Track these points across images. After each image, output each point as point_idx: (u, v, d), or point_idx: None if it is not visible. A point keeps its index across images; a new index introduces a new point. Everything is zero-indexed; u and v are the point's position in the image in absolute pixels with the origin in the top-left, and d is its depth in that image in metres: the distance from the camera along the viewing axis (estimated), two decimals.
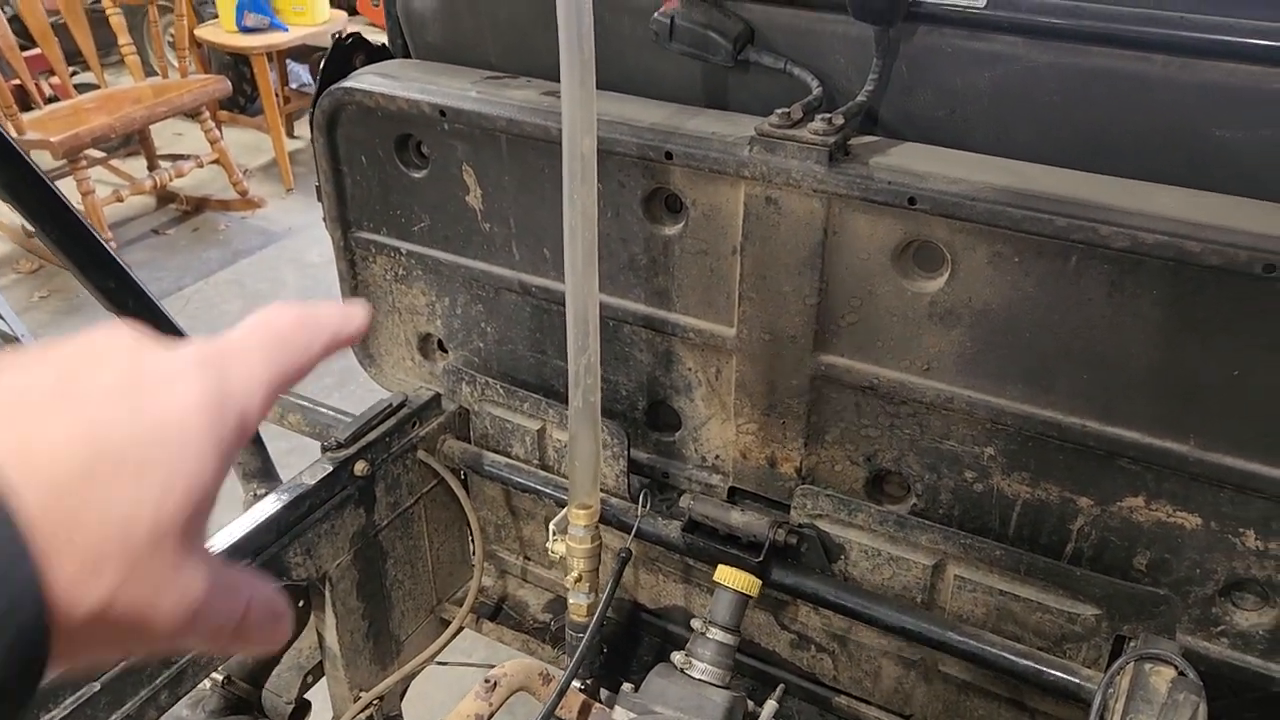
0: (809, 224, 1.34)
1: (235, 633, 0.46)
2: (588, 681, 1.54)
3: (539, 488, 1.73)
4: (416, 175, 1.69)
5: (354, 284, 1.89)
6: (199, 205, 5.34)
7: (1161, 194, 1.19)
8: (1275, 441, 1.19)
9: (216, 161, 5.09)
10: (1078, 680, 1.32)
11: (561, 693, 1.31)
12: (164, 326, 1.84)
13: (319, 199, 1.82)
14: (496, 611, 1.96)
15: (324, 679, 1.78)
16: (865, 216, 1.31)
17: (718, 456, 1.65)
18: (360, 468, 1.62)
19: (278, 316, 0.48)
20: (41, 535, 0.36)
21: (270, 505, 1.49)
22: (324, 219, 1.83)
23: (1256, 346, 1.15)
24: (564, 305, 1.36)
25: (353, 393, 3.50)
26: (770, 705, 1.27)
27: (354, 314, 0.52)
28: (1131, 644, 1.30)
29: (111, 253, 1.67)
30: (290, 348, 0.48)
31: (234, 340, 0.46)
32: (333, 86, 1.65)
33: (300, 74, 6.55)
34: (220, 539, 1.43)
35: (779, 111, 1.33)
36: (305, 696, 1.77)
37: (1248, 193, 1.19)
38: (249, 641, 0.47)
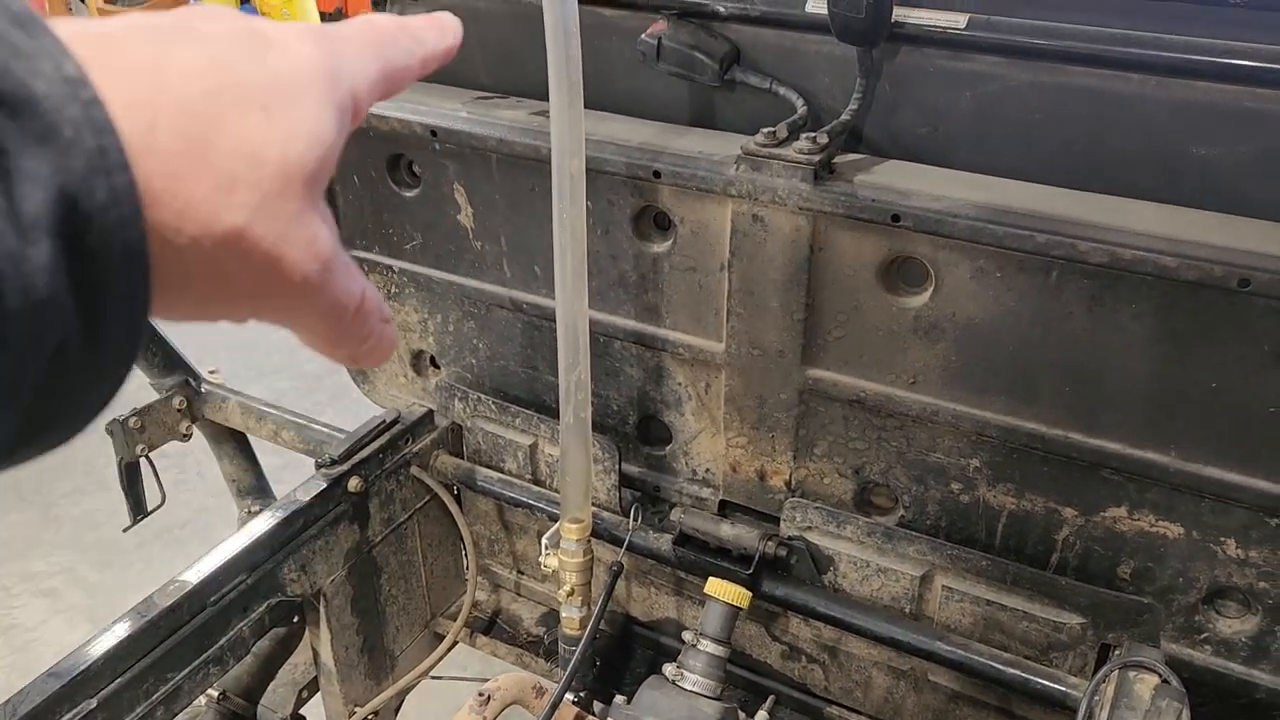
0: (795, 241, 1.36)
1: (355, 317, 0.45)
2: (581, 694, 1.55)
3: (531, 502, 1.75)
4: (408, 194, 1.71)
5: None
6: None
7: (1139, 210, 1.22)
8: (1253, 452, 1.21)
9: None
10: (1064, 688, 1.34)
11: (555, 706, 1.33)
12: (157, 344, 1.86)
13: None
14: (490, 625, 1.98)
15: (319, 694, 1.79)
16: (850, 233, 1.33)
17: (708, 470, 1.67)
18: (354, 484, 1.63)
19: (380, 19, 0.49)
20: (174, 151, 0.36)
21: (265, 522, 1.51)
22: None
23: (1233, 359, 1.17)
24: (555, 322, 1.38)
25: (347, 408, 3.50)
26: (761, 716, 1.29)
27: (448, 26, 0.53)
28: (1116, 652, 1.31)
29: None
30: (395, 48, 0.48)
31: (343, 29, 0.46)
32: None
33: None
34: (216, 556, 1.44)
35: (765, 131, 1.35)
36: (300, 712, 1.78)
37: (1224, 208, 1.22)
38: (364, 334, 0.46)
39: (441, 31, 0.52)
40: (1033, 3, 1.25)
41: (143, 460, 1.82)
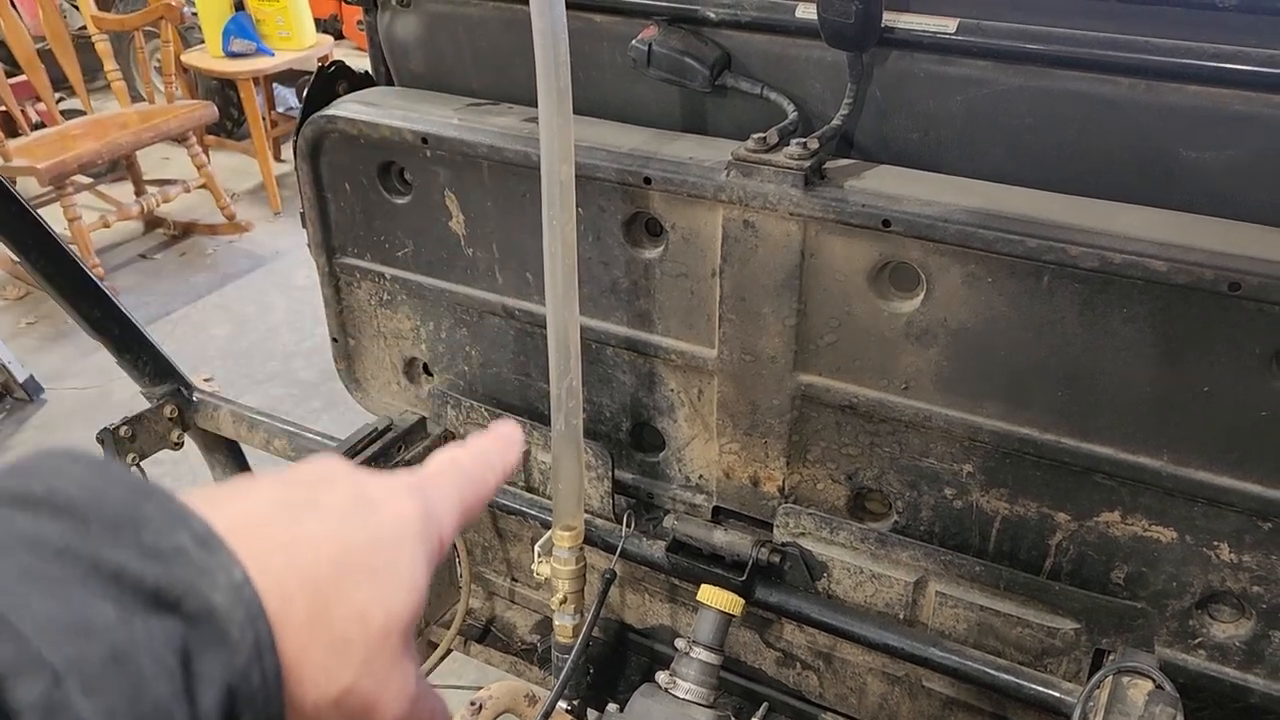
0: (786, 246, 1.36)
1: None
2: (574, 702, 1.55)
3: (524, 510, 1.74)
4: (400, 201, 1.71)
5: (339, 309, 1.91)
6: (186, 230, 5.35)
7: (1129, 214, 1.22)
8: (1245, 456, 1.21)
9: (203, 186, 5.09)
10: (1058, 694, 1.33)
11: (547, 714, 1.32)
12: (148, 353, 1.85)
13: (303, 225, 1.83)
14: (484, 633, 1.97)
15: None
16: (841, 239, 1.33)
17: (701, 476, 1.66)
18: None
19: (461, 455, 0.55)
20: (301, 623, 0.41)
21: None
22: (308, 245, 1.85)
23: (1224, 363, 1.17)
24: (546, 328, 1.37)
25: (341, 415, 3.50)
26: None
27: (514, 441, 0.59)
28: (1110, 657, 1.31)
29: (96, 281, 1.68)
30: (472, 482, 0.54)
31: (430, 473, 0.53)
32: (316, 115, 1.67)
33: (287, 98, 6.58)
34: None
35: (755, 136, 1.35)
36: None
37: (1214, 211, 1.22)
38: None
39: (509, 449, 0.58)
40: (1021, 7, 1.24)
41: (134, 469, 1.81)
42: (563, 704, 1.50)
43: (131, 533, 0.37)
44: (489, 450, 0.57)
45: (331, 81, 1.74)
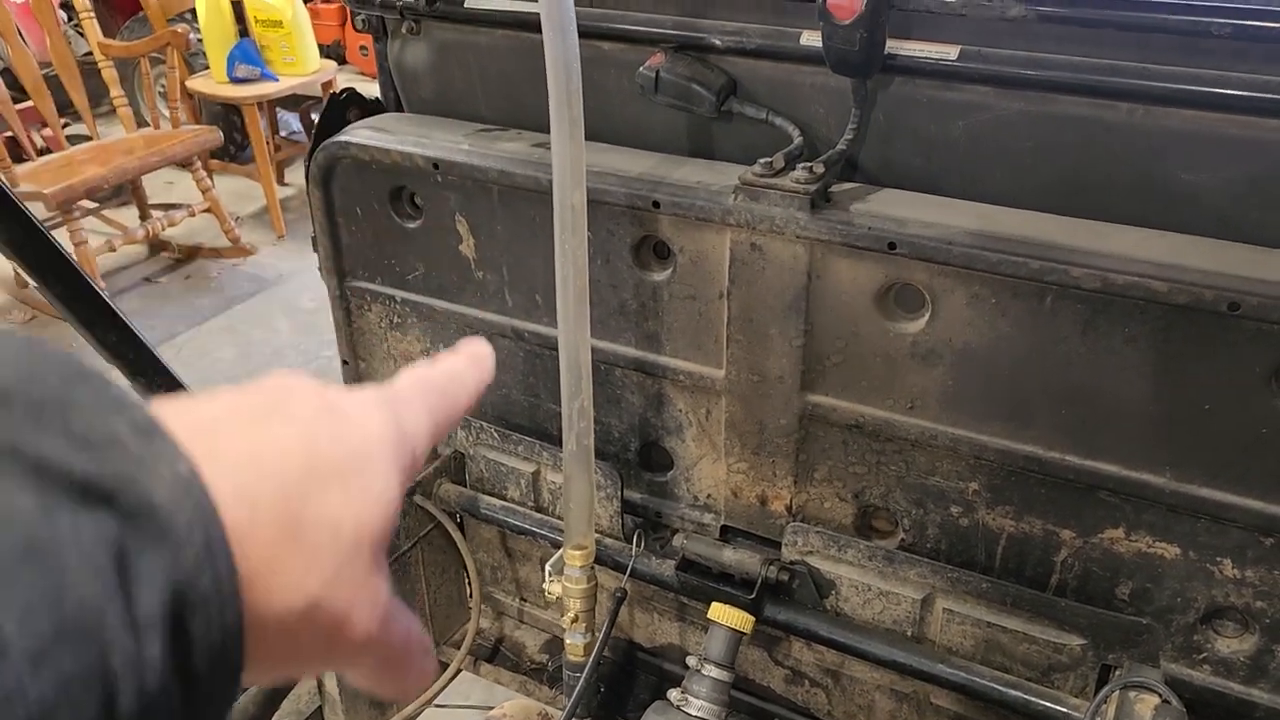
0: (793, 269, 1.39)
1: (401, 659, 0.48)
2: None
3: (534, 530, 1.76)
4: (410, 226, 1.74)
5: (349, 332, 1.93)
6: (191, 253, 5.38)
7: (1130, 235, 1.24)
8: (1246, 472, 1.23)
9: (208, 210, 5.13)
10: (1065, 709, 1.35)
11: None
12: (163, 377, 1.87)
13: (314, 249, 1.86)
14: (494, 653, 1.98)
15: None
16: (847, 261, 1.36)
17: (709, 495, 1.68)
18: None
19: (431, 372, 0.53)
20: (270, 533, 0.39)
21: None
22: (319, 269, 1.87)
23: (1225, 381, 1.19)
24: (556, 350, 1.39)
25: None
26: None
27: (485, 359, 0.57)
28: (1117, 673, 1.33)
29: (112, 305, 1.70)
30: (443, 398, 0.53)
31: (400, 389, 0.51)
32: (328, 141, 1.70)
33: (290, 122, 6.63)
34: None
35: (762, 161, 1.38)
36: None
37: (1212, 233, 1.24)
38: (408, 671, 0.49)
39: (479, 369, 0.56)
40: (1022, 34, 1.27)
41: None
42: None
43: (59, 418, 0.33)
44: (460, 368, 0.55)
45: (343, 108, 1.77)
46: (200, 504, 0.35)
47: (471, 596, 1.88)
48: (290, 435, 0.41)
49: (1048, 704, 1.36)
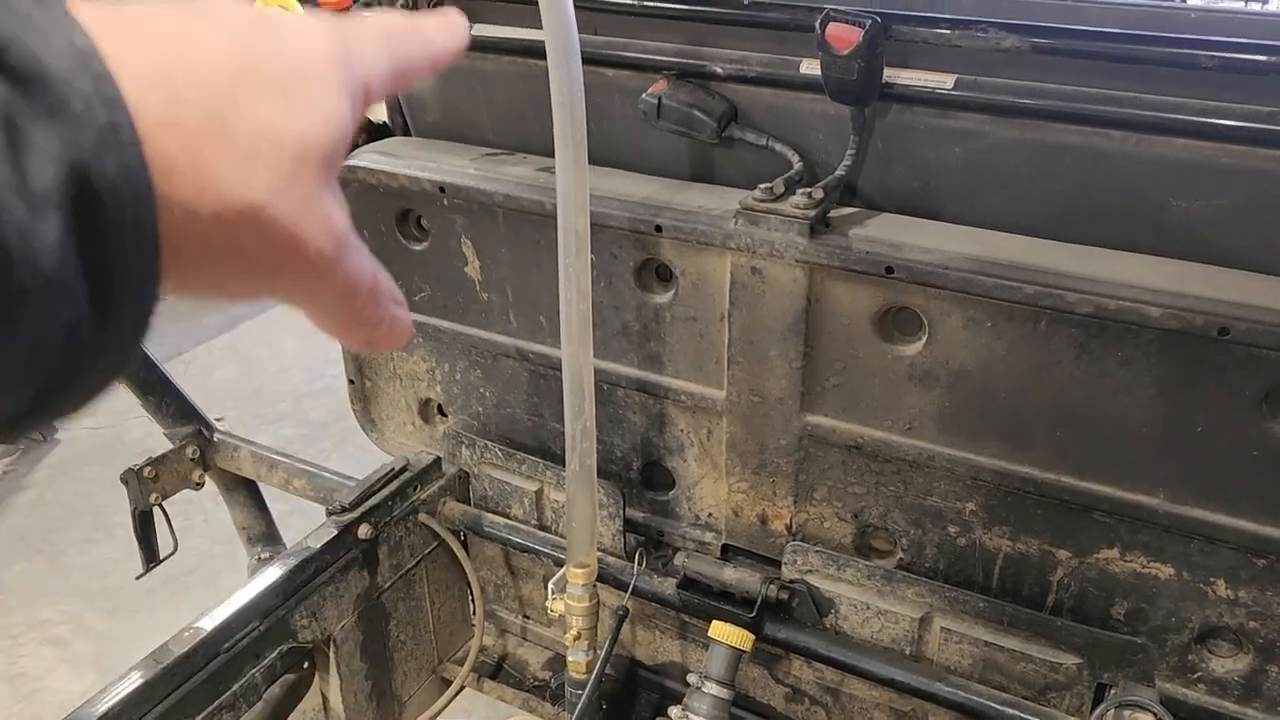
0: (793, 292, 1.41)
1: (368, 296, 0.47)
2: None
3: (537, 548, 1.78)
4: (417, 248, 1.76)
5: (356, 352, 1.96)
6: None
7: (1123, 261, 1.27)
8: (1238, 494, 1.25)
9: None
10: None
11: None
12: (171, 395, 1.91)
13: None
14: (497, 670, 2.00)
15: None
16: (846, 285, 1.38)
17: (710, 515, 1.70)
18: (364, 531, 1.66)
19: (392, 18, 0.50)
20: (195, 127, 0.37)
21: (277, 569, 1.54)
22: None
23: (1216, 405, 1.21)
24: (560, 370, 1.42)
25: (350, 454, 3.54)
26: None
27: (456, 25, 0.54)
28: (1112, 691, 1.34)
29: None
30: (405, 45, 0.50)
31: (354, 24, 0.48)
32: None
33: None
34: (229, 604, 1.47)
35: (762, 186, 1.41)
36: None
37: (1204, 259, 1.26)
38: (377, 316, 0.48)
39: (450, 31, 0.53)
40: (1016, 64, 1.30)
41: (155, 509, 1.86)
42: None
43: None
44: (428, 24, 0.52)
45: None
46: (101, 82, 0.33)
47: (475, 614, 1.90)
48: (219, 38, 0.39)
49: None
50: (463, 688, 1.87)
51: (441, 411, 1.96)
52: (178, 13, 0.39)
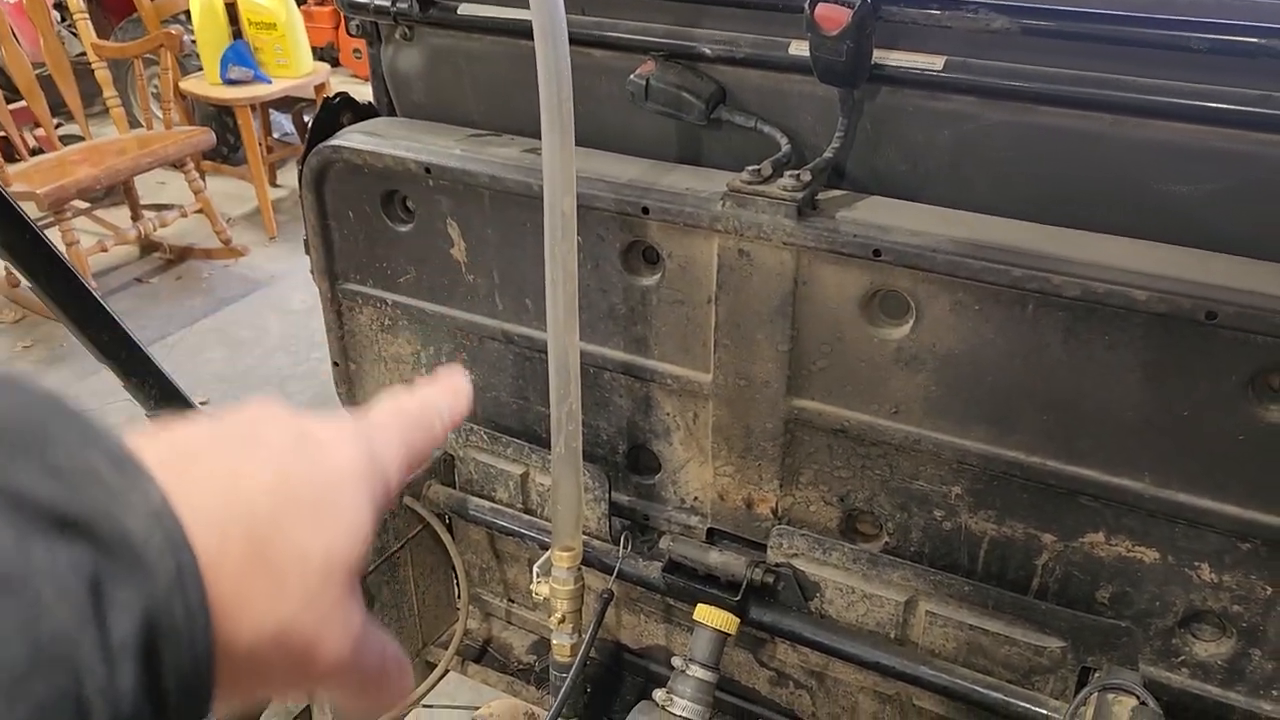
0: (780, 275, 1.40)
1: (376, 679, 0.49)
2: None
3: (522, 531, 1.78)
4: (402, 229, 1.75)
5: (341, 334, 1.94)
6: (182, 254, 5.38)
7: (1111, 245, 1.26)
8: (1224, 478, 1.25)
9: (200, 211, 5.13)
10: (1045, 711, 1.37)
11: None
12: (154, 377, 1.88)
13: (307, 252, 1.87)
14: (481, 653, 1.99)
15: None
16: (833, 267, 1.37)
17: (696, 499, 1.70)
18: None
19: (407, 401, 0.54)
20: (239, 561, 0.40)
21: None
22: (311, 271, 1.88)
23: (1203, 389, 1.21)
24: (546, 353, 1.41)
25: None
26: None
27: (461, 391, 0.58)
28: (1096, 675, 1.35)
29: (105, 305, 1.71)
30: (418, 429, 0.54)
31: (376, 419, 0.52)
32: (321, 145, 1.71)
33: (283, 124, 6.64)
34: None
35: (750, 168, 1.40)
36: None
37: (1192, 243, 1.26)
38: (383, 693, 0.50)
39: (456, 398, 0.57)
40: (1006, 46, 1.29)
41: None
42: None
43: (37, 451, 0.35)
44: (437, 399, 0.56)
45: (336, 112, 1.78)
46: (172, 533, 0.36)
47: (459, 597, 1.89)
48: (263, 465, 0.43)
49: (1027, 705, 1.38)
50: (447, 671, 1.86)
51: None
52: (232, 441, 0.43)
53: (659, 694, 1.43)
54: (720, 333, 1.50)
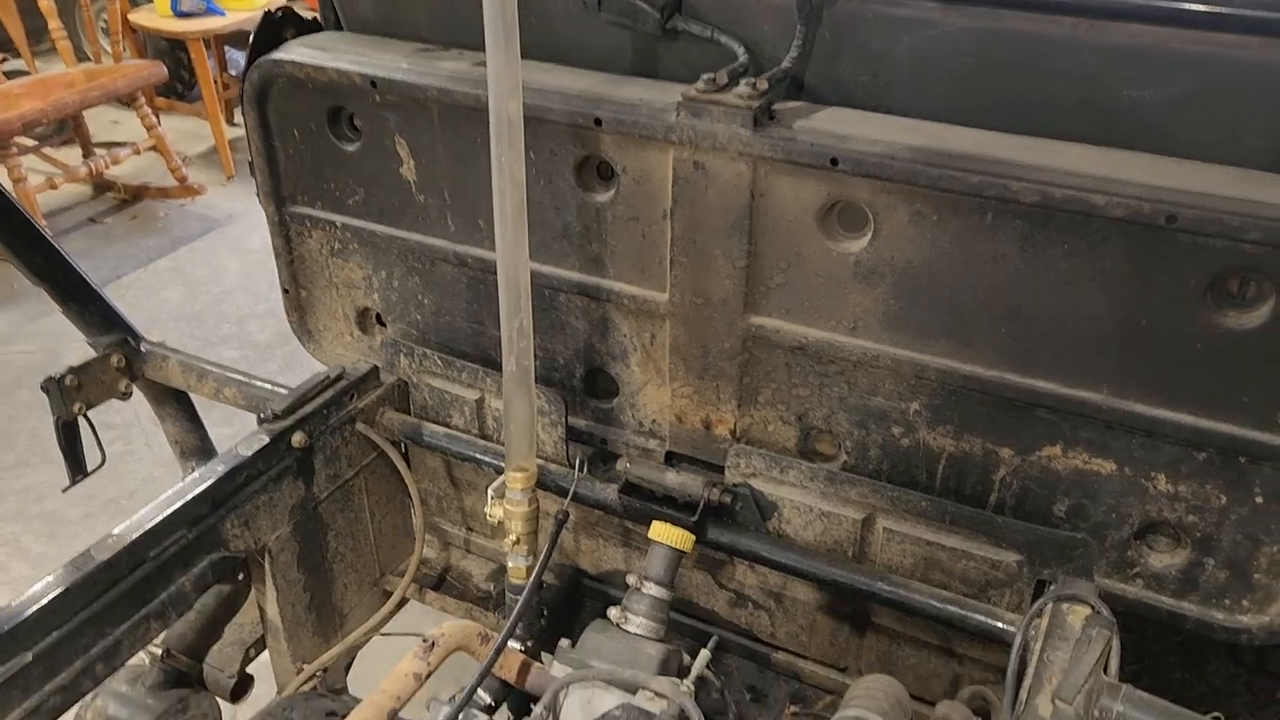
0: (736, 187, 1.37)
1: None
2: (529, 644, 1.56)
3: (479, 456, 1.75)
4: (349, 148, 1.69)
5: (290, 259, 1.89)
6: (137, 193, 5.25)
7: (1071, 151, 1.24)
8: (1180, 387, 1.24)
9: (154, 148, 5.01)
10: (1000, 624, 1.36)
11: (499, 649, 1.33)
12: (94, 302, 1.83)
13: (252, 174, 1.81)
14: (440, 582, 1.98)
15: (267, 653, 1.78)
16: (790, 179, 1.34)
17: (654, 421, 1.68)
18: (298, 439, 1.62)
19: None
20: None
21: (206, 476, 1.49)
22: (257, 194, 1.83)
23: (1161, 296, 1.19)
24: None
25: (299, 377, 3.46)
26: (703, 654, 1.30)
27: None
28: (1051, 588, 1.34)
29: (37, 226, 1.65)
30: None
31: None
32: (262, 58, 1.65)
33: (239, 60, 6.45)
34: (155, 509, 1.42)
35: (705, 77, 1.35)
36: (248, 671, 1.77)
37: (1154, 149, 1.24)
38: None
39: None
40: None
41: (82, 420, 1.79)
42: (517, 645, 1.51)
43: None
44: None
45: (278, 26, 1.71)
46: None
47: (416, 526, 1.87)
48: None
49: (983, 619, 1.37)
50: (404, 599, 1.84)
51: (380, 321, 1.90)
52: None
53: (613, 612, 1.42)
54: (676, 249, 1.47)
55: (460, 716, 1.24)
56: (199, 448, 2.00)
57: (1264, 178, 1.16)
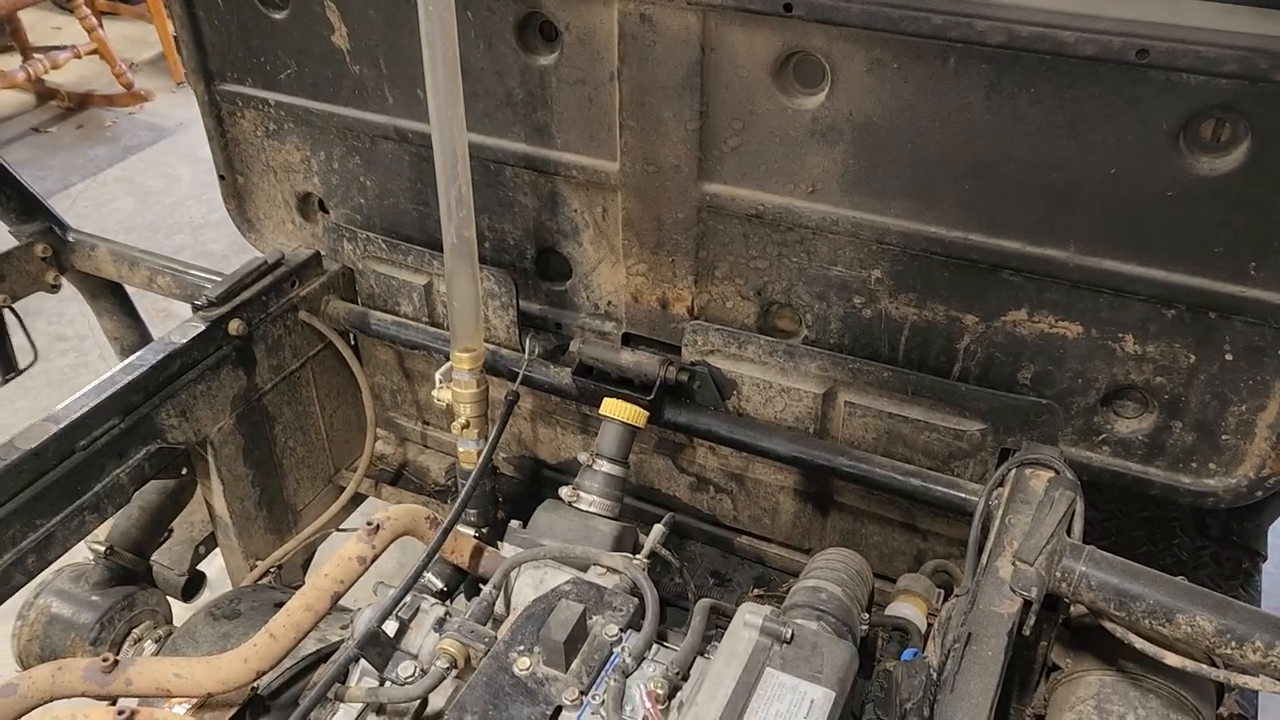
0: (685, 41, 1.28)
1: None
2: (484, 530, 1.51)
3: (428, 344, 1.68)
4: (277, 16, 1.59)
5: (224, 143, 1.79)
6: (82, 101, 5.05)
7: None
8: (1151, 240, 1.18)
9: (95, 52, 4.80)
10: (963, 495, 1.33)
11: (446, 530, 1.28)
12: (11, 187, 1.73)
13: (178, 50, 1.70)
14: (397, 477, 1.93)
15: (218, 551, 1.73)
16: (742, 29, 1.25)
17: (610, 303, 1.61)
18: (235, 327, 1.54)
19: None
20: None
21: (138, 364, 1.42)
22: (184, 73, 1.72)
23: (1131, 141, 1.13)
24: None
25: None
26: (657, 529, 1.25)
27: None
28: (1015, 455, 1.30)
29: None
30: None
31: None
32: None
33: None
34: (84, 398, 1.36)
35: None
36: (199, 568, 1.72)
37: None
38: None
39: None
40: None
41: (8, 314, 1.71)
42: (470, 530, 1.47)
43: None
44: None
45: None
46: None
47: (368, 418, 1.81)
48: None
49: (946, 490, 1.34)
50: (356, 493, 1.79)
51: (323, 207, 1.82)
52: None
53: (565, 491, 1.37)
54: (625, 113, 1.38)
55: (409, 599, 1.20)
56: (139, 343, 1.92)
57: (1239, 10, 1.09)
